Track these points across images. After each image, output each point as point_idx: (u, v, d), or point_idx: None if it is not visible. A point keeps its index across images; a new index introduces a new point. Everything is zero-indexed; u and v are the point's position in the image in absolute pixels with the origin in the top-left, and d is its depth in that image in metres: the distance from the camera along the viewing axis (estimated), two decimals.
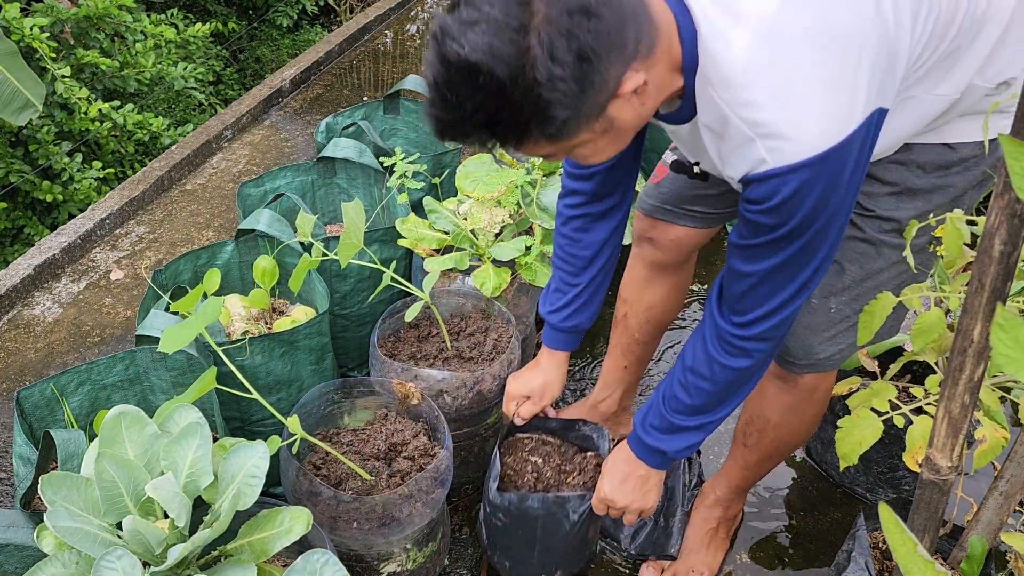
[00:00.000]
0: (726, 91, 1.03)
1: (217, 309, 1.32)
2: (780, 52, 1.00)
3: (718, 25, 1.01)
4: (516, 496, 1.57)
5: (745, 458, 1.66)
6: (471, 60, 0.91)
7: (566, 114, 0.96)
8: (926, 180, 1.28)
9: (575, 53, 0.92)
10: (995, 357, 0.61)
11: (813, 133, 1.01)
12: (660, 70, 1.05)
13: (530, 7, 0.90)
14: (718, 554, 1.78)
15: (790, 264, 1.13)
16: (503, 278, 1.91)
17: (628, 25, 0.97)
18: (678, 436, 1.38)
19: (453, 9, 0.94)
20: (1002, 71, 1.19)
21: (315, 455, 1.60)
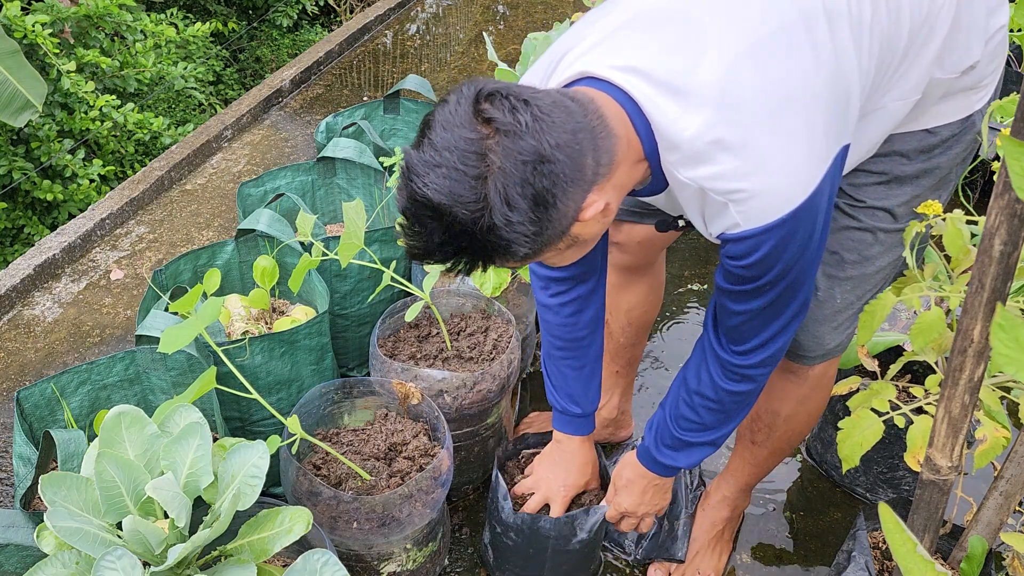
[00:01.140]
0: (691, 169, 1.06)
1: (216, 309, 1.31)
2: (736, 122, 1.02)
3: (666, 110, 1.04)
4: (529, 517, 1.57)
5: (754, 454, 1.66)
6: (434, 201, 0.96)
7: (527, 249, 1.02)
8: (911, 166, 1.31)
9: (531, 199, 0.97)
10: (995, 357, 0.61)
11: (782, 193, 1.04)
12: (623, 172, 1.09)
13: (488, 159, 0.96)
14: (723, 556, 1.78)
15: (777, 302, 1.18)
16: (503, 278, 1.91)
17: (586, 156, 1.02)
18: (690, 451, 1.43)
19: (418, 145, 1.00)
20: (961, 59, 1.21)
21: (315, 455, 1.60)
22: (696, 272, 2.71)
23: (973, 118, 1.29)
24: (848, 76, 1.07)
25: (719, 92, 1.02)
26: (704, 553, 1.76)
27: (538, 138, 0.97)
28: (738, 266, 1.12)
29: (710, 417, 1.36)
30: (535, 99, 0.99)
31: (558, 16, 4.79)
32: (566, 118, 1.00)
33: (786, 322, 1.22)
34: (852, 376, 1.61)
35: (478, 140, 0.96)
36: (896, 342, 1.75)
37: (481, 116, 0.97)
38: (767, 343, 1.24)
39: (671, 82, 1.04)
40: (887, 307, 1.29)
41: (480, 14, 4.93)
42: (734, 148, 1.02)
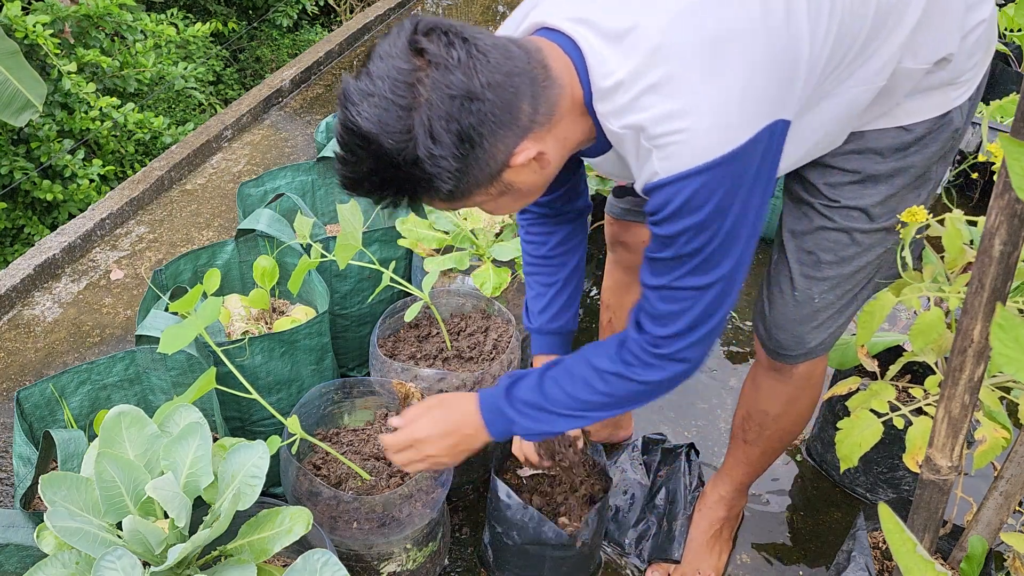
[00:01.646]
0: (620, 118, 1.05)
1: (216, 309, 1.31)
2: (667, 67, 1.00)
3: (604, 57, 1.04)
4: (535, 515, 1.56)
5: (747, 454, 1.66)
6: (363, 129, 0.98)
7: (450, 185, 1.02)
8: (886, 165, 1.28)
9: (455, 134, 0.98)
10: (995, 357, 0.61)
11: (702, 140, 1.01)
12: (566, 124, 1.08)
13: (416, 89, 0.96)
14: (723, 555, 1.78)
15: (693, 276, 1.11)
16: (503, 278, 1.91)
17: (522, 101, 1.01)
18: (543, 419, 1.27)
19: (358, 75, 1.01)
20: (935, 50, 1.18)
21: (315, 455, 1.60)
22: None
23: (951, 115, 1.26)
24: (797, 47, 1.04)
25: (656, 41, 1.01)
26: (703, 553, 1.75)
27: (469, 74, 0.97)
28: (656, 220, 1.08)
29: (592, 397, 1.24)
30: (475, 38, 0.99)
31: None
32: (504, 60, 1.00)
33: (707, 305, 1.13)
34: (852, 376, 1.61)
35: (410, 71, 0.96)
36: (896, 342, 1.76)
37: (416, 48, 0.98)
38: (681, 334, 1.15)
39: (615, 31, 1.03)
40: (887, 307, 1.29)
41: (480, 14, 4.93)
42: (662, 91, 1.00)
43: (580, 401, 1.24)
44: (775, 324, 1.45)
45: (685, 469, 1.87)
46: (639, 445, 1.93)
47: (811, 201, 1.35)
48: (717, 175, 1.02)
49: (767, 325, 1.47)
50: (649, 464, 1.90)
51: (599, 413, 1.26)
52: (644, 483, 1.87)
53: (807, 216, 1.36)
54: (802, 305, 1.41)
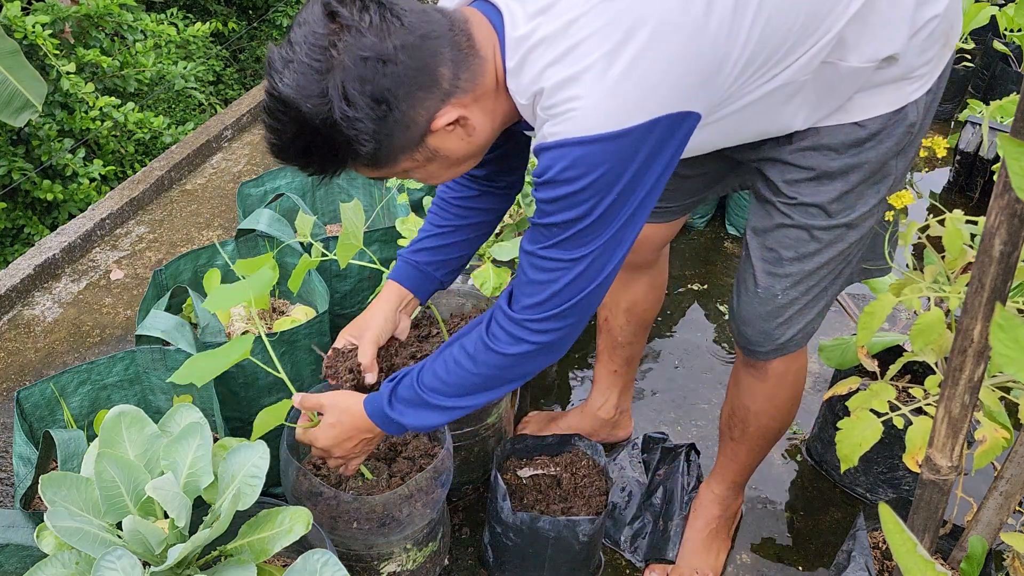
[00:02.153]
0: (527, 91, 1.05)
1: (271, 279, 1.33)
2: (569, 44, 1.01)
3: (520, 28, 1.04)
4: (528, 516, 1.57)
5: (735, 451, 1.67)
6: (283, 94, 1.00)
7: (370, 148, 1.04)
8: (840, 161, 1.28)
9: (369, 96, 0.99)
10: (995, 357, 0.61)
11: (592, 115, 1.00)
12: (492, 98, 1.09)
13: (330, 52, 0.98)
14: (720, 555, 1.78)
15: (561, 248, 1.10)
16: (503, 278, 1.91)
17: (440, 65, 1.02)
18: (427, 414, 1.28)
19: (281, 44, 1.03)
20: (878, 49, 1.18)
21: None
22: (696, 272, 2.71)
23: (906, 110, 1.25)
24: (715, 43, 1.04)
25: (572, 15, 1.01)
26: (700, 552, 1.75)
27: (381, 36, 0.98)
28: (537, 185, 1.08)
29: (461, 380, 1.24)
30: (391, 2, 1.00)
31: None
32: (421, 23, 1.01)
33: (572, 280, 1.12)
34: (852, 376, 1.61)
35: (324, 35, 0.99)
36: (896, 342, 1.76)
37: (330, 11, 0.99)
38: (548, 303, 1.14)
39: (540, 6, 1.04)
40: (887, 307, 1.29)
41: None
42: (564, 61, 1.01)
43: (455, 386, 1.24)
44: (743, 320, 1.47)
45: (684, 469, 1.87)
46: (639, 443, 1.93)
47: (772, 199, 1.36)
48: (601, 150, 1.02)
49: (736, 321, 1.49)
50: (648, 463, 1.90)
51: (475, 397, 1.25)
52: (642, 481, 1.87)
53: (769, 214, 1.37)
54: (766, 301, 1.42)
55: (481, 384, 1.24)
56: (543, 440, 1.76)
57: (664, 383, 2.28)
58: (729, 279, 2.69)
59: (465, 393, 1.25)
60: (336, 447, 1.36)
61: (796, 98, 1.20)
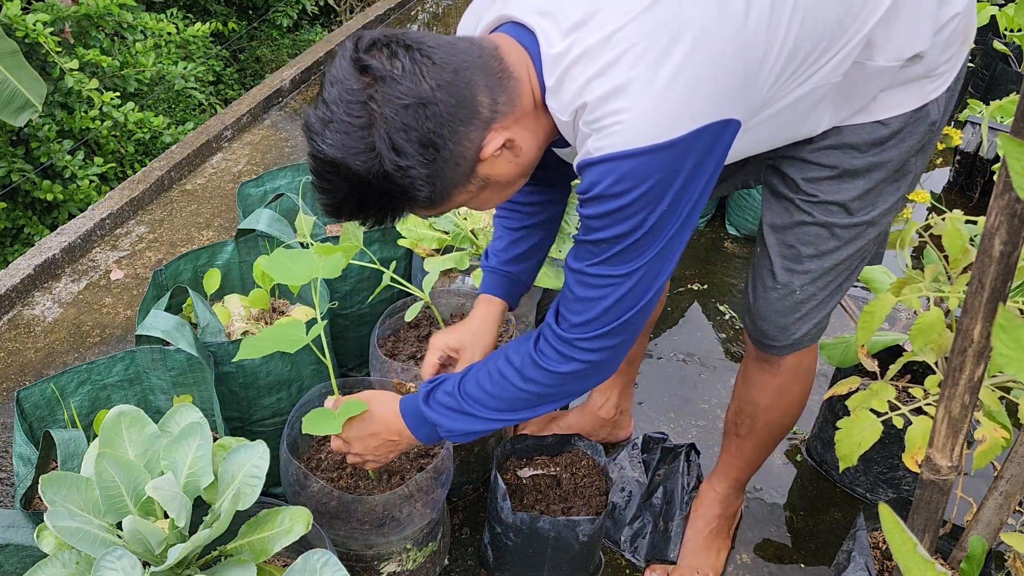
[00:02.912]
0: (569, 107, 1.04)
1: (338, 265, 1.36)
2: (611, 56, 1.00)
3: (557, 47, 1.03)
4: (528, 516, 1.57)
5: (740, 448, 1.67)
6: (329, 156, 1.00)
7: (426, 192, 1.03)
8: (863, 159, 1.28)
9: (417, 142, 0.99)
10: (995, 357, 0.61)
11: (639, 127, 0.99)
12: (531, 117, 1.09)
13: (369, 107, 0.98)
14: (721, 554, 1.78)
15: (610, 264, 1.10)
16: None
17: (478, 94, 1.02)
18: (465, 420, 1.27)
19: (315, 104, 1.02)
20: (904, 48, 1.17)
21: (315, 454, 1.60)
22: (696, 272, 2.71)
23: (927, 108, 1.26)
24: (754, 49, 1.03)
25: (611, 28, 1.00)
26: (700, 552, 1.75)
27: (416, 81, 0.98)
28: (583, 201, 1.06)
29: (508, 394, 1.23)
30: (418, 42, 1.00)
31: None
32: (451, 57, 1.00)
33: (621, 296, 1.11)
34: (852, 376, 1.61)
35: (360, 90, 0.98)
36: (896, 342, 1.76)
37: (361, 66, 0.98)
38: (598, 321, 1.13)
39: (575, 21, 1.03)
40: (887, 307, 1.29)
41: None
42: (607, 74, 1.00)
43: (499, 399, 1.24)
44: (759, 315, 1.46)
45: (684, 469, 1.87)
46: (639, 443, 1.93)
47: (791, 196, 1.35)
48: (649, 162, 1.00)
49: (752, 316, 1.48)
50: (648, 462, 1.90)
51: (518, 413, 1.26)
52: (642, 481, 1.87)
53: (787, 211, 1.36)
54: (784, 297, 1.41)
55: (526, 400, 1.24)
56: (543, 440, 1.76)
57: (664, 383, 2.28)
58: (729, 279, 2.69)
59: (508, 408, 1.25)
60: (358, 441, 1.35)
61: (824, 101, 1.20)
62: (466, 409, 1.26)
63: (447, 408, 1.28)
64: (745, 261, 2.78)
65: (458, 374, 1.29)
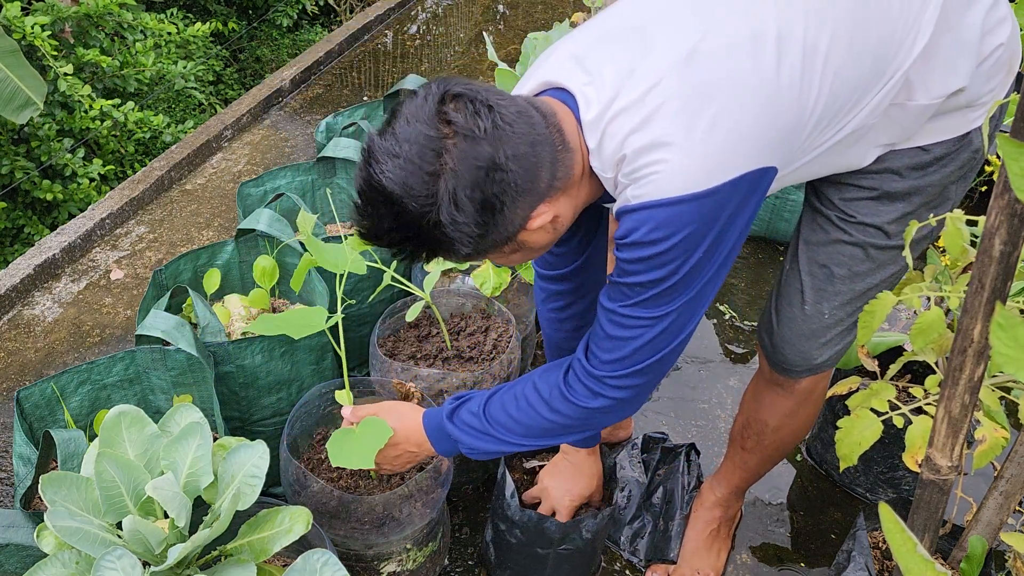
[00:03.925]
0: (611, 162, 1.07)
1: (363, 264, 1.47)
2: (654, 110, 1.02)
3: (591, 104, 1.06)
4: (536, 515, 1.56)
5: (744, 460, 1.66)
6: (387, 188, 1.00)
7: (468, 248, 1.05)
8: (903, 184, 1.27)
9: (478, 203, 1.00)
10: (995, 357, 0.61)
11: (677, 177, 1.02)
12: (578, 185, 1.11)
13: (442, 158, 0.99)
14: (721, 555, 1.78)
15: (645, 307, 1.12)
16: (503, 278, 1.91)
17: (542, 169, 1.04)
18: (486, 441, 1.31)
19: (383, 132, 1.02)
20: (946, 85, 1.17)
21: (316, 454, 1.60)
22: None
23: (970, 136, 1.25)
24: (788, 104, 1.06)
25: (643, 92, 1.03)
26: (701, 552, 1.75)
27: (495, 146, 0.99)
28: (620, 246, 1.09)
29: (534, 422, 1.26)
30: (500, 106, 1.01)
31: (558, 16, 4.79)
32: (528, 130, 1.02)
33: (654, 337, 1.13)
34: (852, 376, 1.61)
35: (437, 139, 0.99)
36: (896, 342, 1.76)
37: (444, 116, 0.99)
38: (628, 360, 1.16)
39: (616, 80, 1.05)
40: (887, 307, 1.29)
41: (480, 14, 4.93)
42: (645, 128, 1.02)
43: (523, 426, 1.27)
44: (783, 339, 1.43)
45: (684, 469, 1.87)
46: (639, 443, 1.93)
47: (828, 214, 1.33)
48: (686, 211, 1.03)
49: (774, 340, 1.45)
50: (648, 462, 1.90)
51: (541, 440, 1.29)
52: (642, 481, 1.87)
53: (823, 228, 1.34)
54: (811, 320, 1.39)
55: (550, 430, 1.27)
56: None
57: (664, 383, 2.28)
58: (729, 279, 2.69)
59: (531, 435, 1.28)
60: (383, 455, 1.38)
61: (864, 140, 1.20)
62: (490, 431, 1.29)
63: (471, 428, 1.31)
64: (745, 261, 2.78)
65: (484, 393, 1.32)
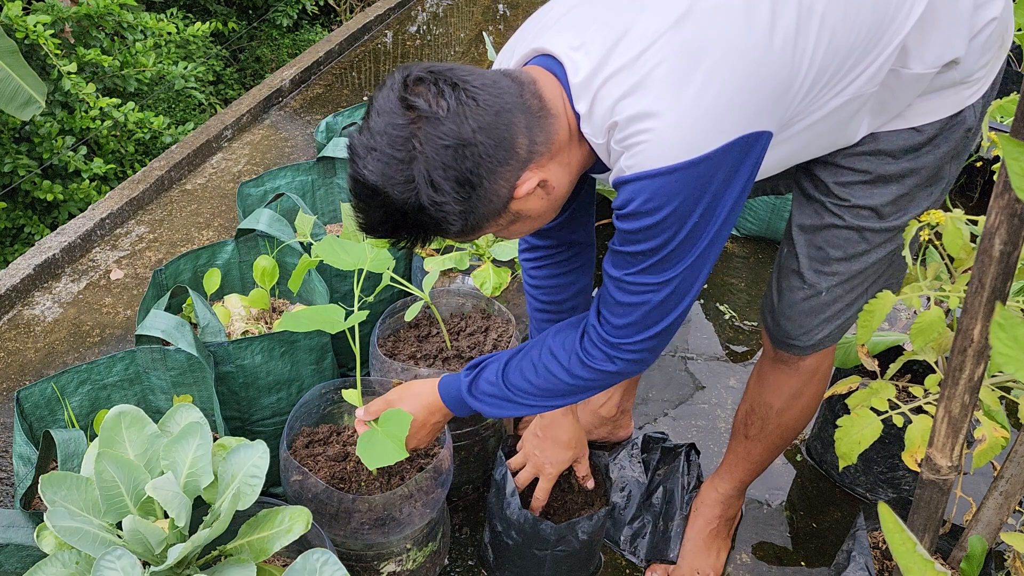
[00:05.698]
0: (602, 128, 1.08)
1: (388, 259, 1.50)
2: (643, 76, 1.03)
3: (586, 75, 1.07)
4: (532, 516, 1.57)
5: (748, 450, 1.66)
6: (371, 182, 1.03)
7: (457, 226, 1.07)
8: (897, 166, 1.28)
9: (454, 180, 1.02)
10: (995, 357, 0.61)
11: (668, 145, 1.03)
12: (567, 151, 1.12)
13: (411, 143, 1.01)
14: (721, 554, 1.78)
15: (647, 274, 1.14)
16: (503, 278, 1.91)
17: (517, 136, 1.05)
18: (507, 406, 1.36)
19: (360, 128, 1.05)
20: (941, 54, 1.18)
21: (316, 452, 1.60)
22: None
23: (963, 114, 1.26)
24: (781, 64, 1.05)
25: (639, 49, 1.03)
26: (701, 552, 1.75)
27: (458, 123, 1.01)
28: (618, 216, 1.11)
29: (551, 385, 1.30)
30: (465, 81, 1.03)
31: None
32: (494, 99, 1.03)
33: (660, 302, 1.16)
34: (852, 375, 1.61)
35: (404, 125, 1.01)
36: (896, 342, 1.76)
37: (407, 102, 1.02)
38: (639, 324, 1.19)
39: (605, 48, 1.06)
40: (887, 307, 1.29)
41: (480, 14, 4.93)
42: (635, 94, 1.03)
43: (543, 390, 1.32)
44: (783, 314, 1.45)
45: (684, 469, 1.87)
46: (639, 443, 1.93)
47: (821, 199, 1.35)
48: (679, 179, 1.04)
49: (776, 315, 1.47)
50: (648, 462, 1.90)
51: (560, 400, 1.33)
52: (642, 481, 1.87)
53: (817, 213, 1.36)
54: (810, 297, 1.42)
55: (570, 390, 1.31)
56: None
57: (664, 383, 2.28)
58: (729, 279, 2.69)
59: (551, 397, 1.33)
60: (412, 437, 1.43)
61: (862, 111, 1.21)
62: (510, 397, 1.34)
63: (491, 396, 1.36)
64: (745, 261, 2.78)
65: (498, 359, 1.36)
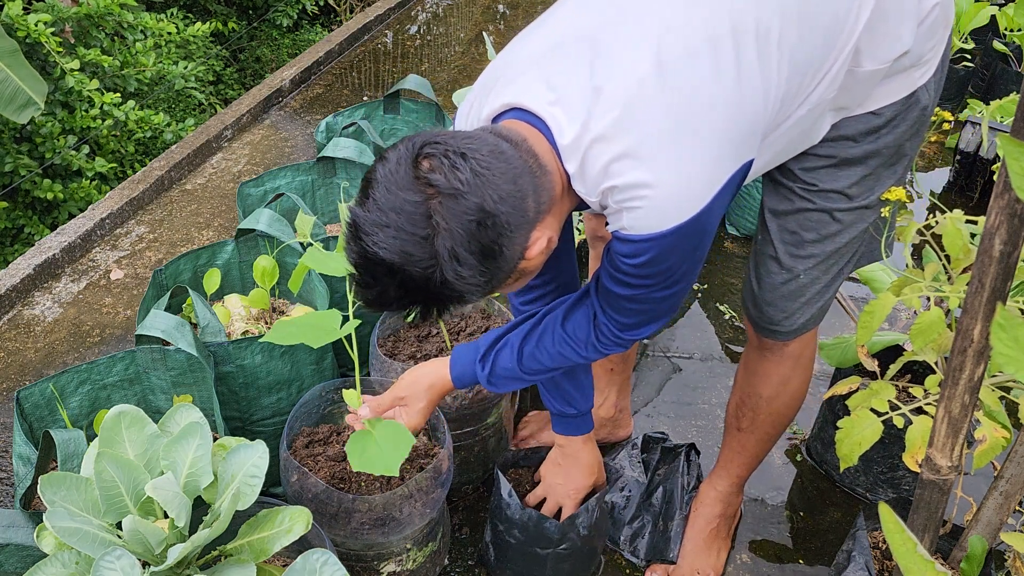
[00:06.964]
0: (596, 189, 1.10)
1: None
2: (632, 141, 1.06)
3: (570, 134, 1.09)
4: (536, 514, 1.57)
5: (743, 443, 1.67)
6: (387, 259, 1.01)
7: (479, 295, 1.08)
8: (859, 148, 1.32)
9: (478, 253, 1.02)
10: (995, 357, 0.61)
11: (668, 210, 1.08)
12: (559, 203, 1.14)
13: (432, 220, 0.99)
14: (722, 554, 1.78)
15: (651, 292, 1.21)
16: None
17: (527, 199, 1.06)
18: (516, 384, 1.42)
19: (362, 203, 1.03)
20: (892, 49, 1.22)
21: (316, 452, 1.60)
22: None
23: (917, 94, 1.30)
24: (752, 97, 1.10)
25: (618, 112, 1.05)
26: (701, 552, 1.75)
27: (480, 195, 1.00)
28: (623, 260, 1.16)
29: (560, 364, 1.37)
30: (472, 151, 1.02)
31: None
32: (505, 167, 1.03)
33: (662, 307, 1.25)
34: (852, 376, 1.61)
35: (422, 202, 0.99)
36: (896, 342, 1.76)
37: (423, 179, 1.00)
38: (636, 326, 1.28)
39: (581, 104, 1.08)
40: (887, 307, 1.29)
41: (480, 14, 4.93)
42: (626, 161, 1.06)
43: (555, 368, 1.39)
44: (764, 300, 1.48)
45: (684, 469, 1.86)
46: (639, 443, 1.93)
47: (790, 185, 1.38)
48: (683, 230, 1.09)
49: (757, 302, 1.49)
50: (648, 462, 1.90)
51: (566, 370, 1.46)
52: (642, 481, 1.87)
53: (787, 198, 1.40)
54: (788, 281, 1.44)
55: (579, 364, 1.41)
56: (538, 451, 1.76)
57: (664, 383, 2.28)
58: (729, 279, 2.69)
59: (561, 370, 1.42)
60: (412, 420, 1.44)
61: (826, 112, 1.26)
62: (524, 378, 1.40)
63: (506, 379, 1.40)
64: (745, 261, 2.78)
65: (509, 345, 1.38)
